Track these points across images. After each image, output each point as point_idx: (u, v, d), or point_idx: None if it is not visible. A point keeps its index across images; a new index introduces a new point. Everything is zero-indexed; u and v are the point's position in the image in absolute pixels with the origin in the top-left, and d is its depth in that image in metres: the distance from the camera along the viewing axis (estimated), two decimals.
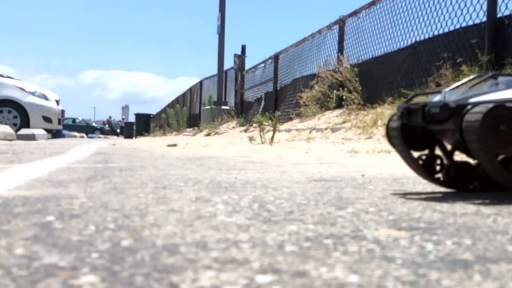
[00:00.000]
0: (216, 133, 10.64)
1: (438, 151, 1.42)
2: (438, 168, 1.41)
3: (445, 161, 1.41)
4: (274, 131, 6.17)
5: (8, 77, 10.04)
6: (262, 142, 5.95)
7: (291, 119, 8.17)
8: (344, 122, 5.78)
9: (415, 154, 1.40)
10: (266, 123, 6.47)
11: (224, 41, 13.24)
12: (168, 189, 1.42)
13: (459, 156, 1.44)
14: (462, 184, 1.42)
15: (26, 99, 9.41)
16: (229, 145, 5.93)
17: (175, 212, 1.01)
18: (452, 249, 0.72)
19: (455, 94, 1.25)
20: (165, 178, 1.77)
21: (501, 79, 1.30)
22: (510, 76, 1.32)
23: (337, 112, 6.73)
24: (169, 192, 1.35)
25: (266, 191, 1.41)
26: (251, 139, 6.38)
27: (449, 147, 1.43)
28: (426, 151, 1.41)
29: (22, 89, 9.50)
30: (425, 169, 1.40)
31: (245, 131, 9.17)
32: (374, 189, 1.48)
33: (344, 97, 6.72)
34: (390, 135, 1.42)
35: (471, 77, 1.35)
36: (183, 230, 0.83)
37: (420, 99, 1.38)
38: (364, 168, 2.31)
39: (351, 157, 3.43)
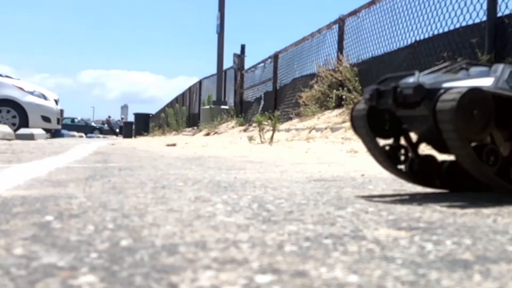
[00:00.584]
0: (216, 132, 10.64)
1: (403, 142, 1.37)
2: (402, 159, 1.35)
3: (410, 153, 1.36)
4: (273, 130, 6.16)
5: (7, 76, 10.03)
6: (262, 142, 5.95)
7: (290, 118, 8.17)
8: (343, 122, 5.78)
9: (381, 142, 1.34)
10: (266, 123, 6.47)
11: (224, 40, 13.24)
12: (167, 189, 1.42)
13: (424, 151, 1.41)
14: (424, 179, 1.37)
15: (25, 98, 9.39)
16: (228, 144, 5.93)
17: (174, 212, 1.01)
18: (452, 249, 0.72)
19: (428, 78, 1.20)
20: (164, 178, 1.77)
21: (472, 69, 1.27)
22: (483, 66, 1.28)
23: (337, 111, 6.73)
24: (168, 192, 1.35)
25: (266, 191, 1.41)
26: (250, 138, 6.38)
27: (414, 139, 1.37)
28: (390, 141, 1.35)
29: (21, 88, 9.49)
30: (389, 159, 1.34)
31: (245, 130, 9.17)
32: (373, 189, 1.48)
33: (343, 97, 6.71)
34: (355, 120, 1.33)
35: (444, 64, 1.31)
36: (182, 230, 0.82)
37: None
38: (363, 168, 2.31)
39: (350, 156, 3.43)
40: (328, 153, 3.84)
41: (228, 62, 13.50)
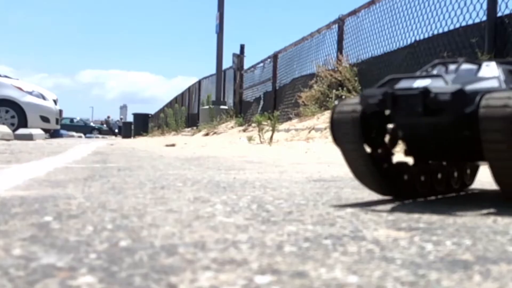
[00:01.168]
0: (215, 133, 10.63)
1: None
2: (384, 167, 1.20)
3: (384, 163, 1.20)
4: (273, 131, 6.16)
5: (6, 76, 10.01)
6: (261, 142, 5.95)
7: (290, 118, 8.16)
8: None
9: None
10: (265, 123, 6.46)
11: (223, 40, 13.23)
12: (166, 189, 1.42)
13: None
14: (398, 190, 1.22)
15: (23, 98, 9.38)
16: (227, 145, 5.92)
17: (173, 212, 1.01)
18: (452, 250, 0.71)
19: (442, 81, 1.05)
20: (163, 178, 1.77)
21: (452, 67, 1.14)
22: (471, 64, 1.15)
23: None
24: (168, 192, 1.35)
25: (265, 191, 1.41)
26: (249, 139, 6.37)
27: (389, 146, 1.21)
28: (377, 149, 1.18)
29: (19, 88, 9.47)
30: (375, 167, 1.16)
31: (244, 131, 9.16)
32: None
33: (343, 97, 6.71)
34: (341, 130, 1.14)
35: (428, 65, 1.18)
36: (182, 230, 0.82)
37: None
38: None
39: None
40: (327, 153, 3.84)
41: (227, 62, 13.51)
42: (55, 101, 10.47)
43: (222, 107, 12.81)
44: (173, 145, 6.25)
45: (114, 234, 0.78)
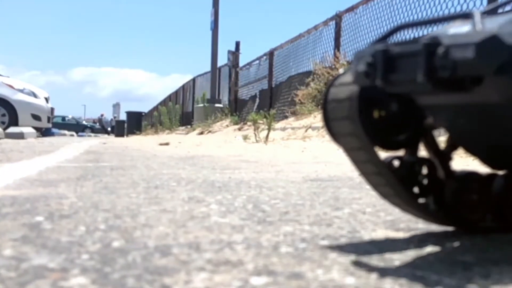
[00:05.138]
0: (210, 131, 10.61)
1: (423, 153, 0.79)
2: (424, 183, 0.77)
3: (438, 172, 0.78)
4: (269, 129, 6.16)
5: None
6: (257, 141, 5.94)
7: (286, 117, 8.17)
8: None
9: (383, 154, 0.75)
10: (261, 122, 6.46)
11: (218, 37, 13.20)
12: (160, 189, 1.41)
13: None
14: (464, 218, 0.79)
15: (14, 96, 9.30)
16: (222, 144, 5.91)
17: (167, 212, 1.00)
18: (451, 250, 0.71)
19: (499, 24, 0.60)
20: (157, 178, 1.75)
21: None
22: None
23: None
24: (161, 192, 1.33)
25: (261, 191, 1.40)
26: (245, 137, 6.36)
27: (442, 144, 0.79)
28: (400, 151, 0.77)
29: (10, 86, 9.39)
30: (403, 185, 0.74)
31: (239, 129, 9.15)
32: (371, 189, 1.47)
33: None
34: (333, 115, 0.72)
35: None
36: (176, 231, 0.81)
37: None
38: None
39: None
40: (324, 152, 3.84)
41: (222, 60, 13.48)
42: (46, 99, 10.39)
43: (217, 105, 12.79)
44: (167, 144, 6.23)
45: (107, 234, 0.77)
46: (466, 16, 0.61)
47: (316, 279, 0.56)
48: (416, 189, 0.76)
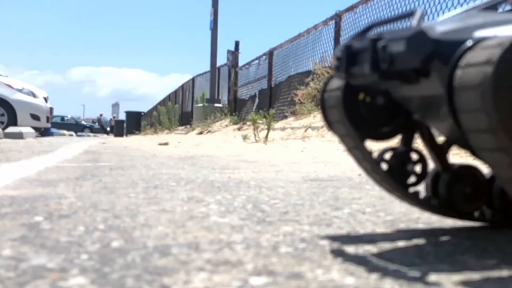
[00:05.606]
0: (209, 131, 10.61)
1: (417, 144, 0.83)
2: (415, 175, 0.82)
3: (433, 164, 0.83)
4: (268, 129, 6.15)
5: None
6: (256, 141, 5.94)
7: (286, 117, 8.16)
8: None
9: (373, 146, 0.80)
10: (260, 121, 6.45)
11: (217, 37, 13.18)
12: (159, 189, 1.41)
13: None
14: (460, 208, 0.82)
15: (13, 96, 9.28)
16: (222, 143, 5.91)
17: (166, 212, 0.99)
18: (451, 250, 0.71)
19: (447, 22, 0.66)
20: (156, 178, 1.75)
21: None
22: None
23: None
24: (161, 192, 1.33)
25: (260, 191, 1.40)
26: (244, 137, 6.36)
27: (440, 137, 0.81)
28: (393, 142, 0.82)
29: (9, 86, 9.38)
30: (391, 175, 0.79)
31: (239, 129, 9.15)
32: (371, 189, 1.48)
33: None
34: (327, 108, 0.80)
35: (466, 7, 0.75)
36: (175, 231, 0.81)
37: None
38: None
39: (347, 156, 3.42)
40: (324, 152, 3.84)
41: (222, 59, 13.47)
42: (45, 99, 10.38)
43: (216, 105, 12.78)
44: (166, 144, 6.23)
45: (106, 234, 0.77)
46: (410, 14, 0.67)
47: (316, 279, 0.56)
48: (405, 178, 0.81)
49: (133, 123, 20.08)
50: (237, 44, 12.56)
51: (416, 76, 0.64)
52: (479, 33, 0.63)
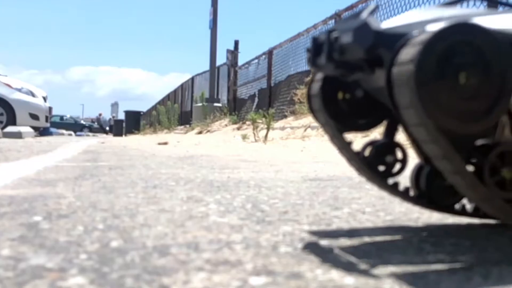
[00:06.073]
0: (208, 131, 10.60)
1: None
2: (393, 167, 0.82)
3: (414, 157, 0.83)
4: (268, 129, 6.15)
5: None
6: (256, 141, 5.94)
7: (285, 116, 8.16)
8: None
9: (354, 138, 0.87)
10: (260, 121, 6.45)
11: (217, 36, 13.17)
12: (158, 189, 1.40)
13: None
14: (439, 200, 0.81)
15: (12, 95, 9.27)
16: (221, 143, 5.91)
17: (166, 212, 0.99)
18: (451, 250, 0.71)
19: (398, 18, 0.68)
20: (155, 177, 1.75)
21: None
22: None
23: None
24: (160, 192, 1.33)
25: (260, 191, 1.39)
26: (244, 137, 6.36)
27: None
28: (373, 133, 0.89)
29: (8, 85, 9.36)
30: (369, 165, 0.81)
31: (238, 129, 9.14)
32: (370, 189, 1.47)
33: None
34: (312, 100, 0.82)
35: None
36: (174, 230, 0.81)
37: None
38: None
39: None
40: (324, 151, 3.83)
41: (221, 59, 13.47)
42: (44, 98, 10.36)
43: (215, 104, 12.77)
44: (165, 143, 6.22)
45: (105, 234, 0.77)
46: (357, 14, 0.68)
47: (315, 279, 0.56)
48: (383, 169, 0.82)
49: (132, 123, 20.06)
50: (236, 43, 12.55)
51: (369, 66, 0.66)
52: (427, 27, 0.63)
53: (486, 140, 0.70)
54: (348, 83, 0.77)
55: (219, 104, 12.92)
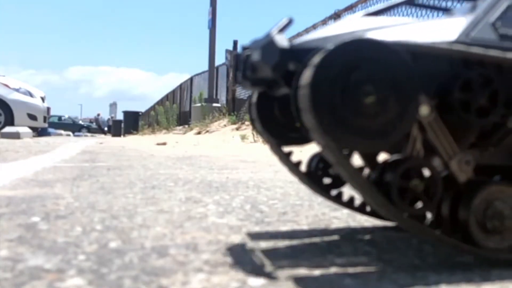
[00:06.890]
0: (207, 131, 10.60)
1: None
2: (337, 178, 0.84)
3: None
4: None
5: None
6: (255, 141, 5.94)
7: None
8: None
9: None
10: None
11: (216, 36, 13.17)
12: (157, 189, 1.40)
13: None
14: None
15: (10, 96, 9.25)
16: (220, 143, 5.91)
17: (164, 212, 0.99)
18: (451, 251, 0.71)
19: (314, 32, 0.67)
20: (154, 178, 1.75)
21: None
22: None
23: None
24: (158, 192, 1.33)
25: (259, 191, 1.39)
26: (243, 137, 6.36)
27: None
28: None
29: (6, 85, 9.34)
30: (309, 177, 0.84)
31: (237, 129, 9.14)
32: None
33: None
34: (250, 108, 0.81)
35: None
36: (173, 231, 0.81)
37: None
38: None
39: None
40: None
41: (220, 59, 13.48)
42: (42, 99, 10.34)
43: (214, 104, 12.77)
44: (164, 143, 6.22)
45: (104, 235, 0.76)
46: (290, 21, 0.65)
47: (315, 279, 0.56)
48: (325, 181, 0.83)
49: (130, 123, 20.04)
50: (235, 43, 12.54)
51: (286, 83, 0.62)
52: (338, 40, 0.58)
53: (397, 156, 0.66)
54: (281, 96, 0.73)
55: (218, 105, 12.92)
